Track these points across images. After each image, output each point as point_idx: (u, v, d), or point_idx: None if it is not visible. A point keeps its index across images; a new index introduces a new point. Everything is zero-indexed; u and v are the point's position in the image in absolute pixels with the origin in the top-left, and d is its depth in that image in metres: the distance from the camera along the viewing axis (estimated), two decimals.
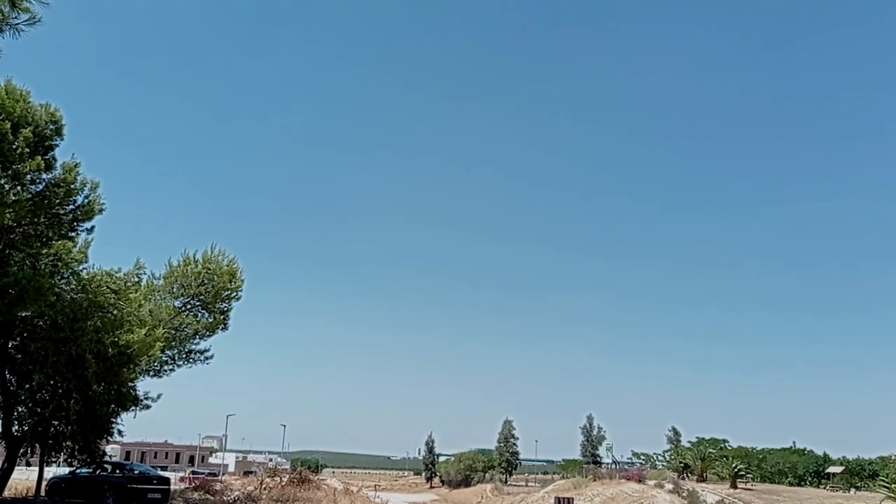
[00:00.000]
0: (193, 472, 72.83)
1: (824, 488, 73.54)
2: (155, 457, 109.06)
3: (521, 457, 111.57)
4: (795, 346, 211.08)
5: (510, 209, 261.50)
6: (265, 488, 34.34)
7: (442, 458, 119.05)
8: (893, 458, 76.04)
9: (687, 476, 75.39)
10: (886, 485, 50.41)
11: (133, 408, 25.50)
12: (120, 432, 25.56)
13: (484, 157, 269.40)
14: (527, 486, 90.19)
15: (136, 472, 29.01)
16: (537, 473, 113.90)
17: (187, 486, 39.97)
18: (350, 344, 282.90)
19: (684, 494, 54.93)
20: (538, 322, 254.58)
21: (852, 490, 70.02)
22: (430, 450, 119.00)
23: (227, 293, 29.01)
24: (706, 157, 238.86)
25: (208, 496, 32.27)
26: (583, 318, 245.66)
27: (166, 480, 28.94)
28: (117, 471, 28.18)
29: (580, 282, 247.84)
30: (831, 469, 79.92)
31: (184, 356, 29.48)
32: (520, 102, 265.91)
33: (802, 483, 79.66)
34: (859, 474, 77.32)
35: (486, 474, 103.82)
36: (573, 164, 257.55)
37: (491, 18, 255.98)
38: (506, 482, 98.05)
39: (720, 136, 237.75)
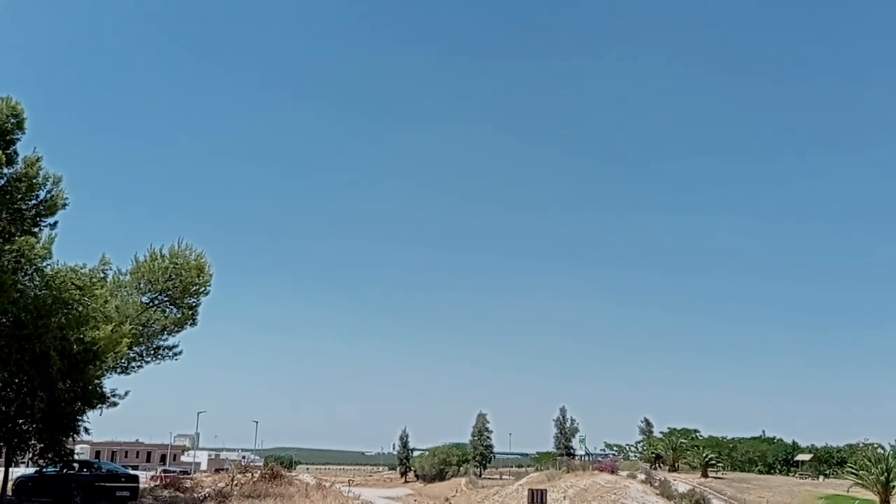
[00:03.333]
0: (165, 471, 72.04)
1: (794, 476, 74.89)
2: (126, 456, 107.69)
3: (495, 450, 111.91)
4: (765, 336, 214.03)
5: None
6: (236, 485, 34.04)
7: (416, 453, 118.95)
8: (861, 445, 77.47)
9: (659, 466, 76.34)
10: (854, 472, 51.54)
11: (100, 405, 25.27)
12: (86, 430, 25.26)
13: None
14: (501, 479, 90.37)
15: (104, 470, 28.78)
16: (511, 466, 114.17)
17: (157, 483, 39.54)
18: (323, 340, 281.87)
19: (656, 484, 55.61)
20: (510, 316, 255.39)
21: (821, 477, 71.37)
22: (405, 444, 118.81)
23: (195, 288, 28.81)
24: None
25: (178, 493, 31.96)
26: (554, 311, 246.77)
27: (135, 478, 28.67)
28: (85, 469, 27.87)
29: (550, 277, 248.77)
30: (800, 457, 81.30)
31: (152, 352, 29.29)
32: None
33: (772, 471, 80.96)
34: (827, 462, 78.77)
35: (461, 468, 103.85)
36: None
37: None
38: (480, 475, 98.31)
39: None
